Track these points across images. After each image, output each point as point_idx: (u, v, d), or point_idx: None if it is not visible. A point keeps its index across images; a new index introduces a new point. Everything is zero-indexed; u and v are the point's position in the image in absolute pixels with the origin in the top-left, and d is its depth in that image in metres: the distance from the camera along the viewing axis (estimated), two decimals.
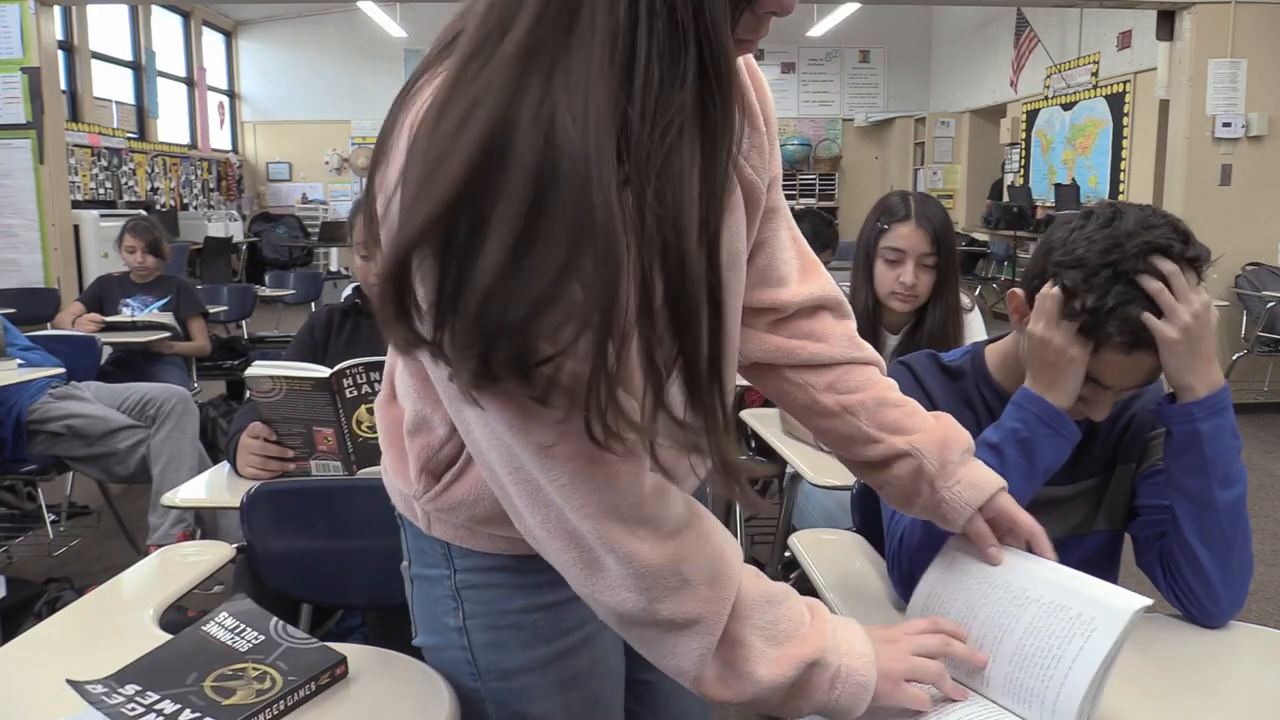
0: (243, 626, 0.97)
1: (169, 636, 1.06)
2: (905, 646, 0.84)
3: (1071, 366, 1.11)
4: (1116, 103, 7.31)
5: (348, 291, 2.25)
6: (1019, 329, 1.20)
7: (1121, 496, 1.27)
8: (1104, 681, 0.84)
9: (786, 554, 1.63)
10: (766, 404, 2.81)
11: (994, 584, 0.93)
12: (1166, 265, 1.05)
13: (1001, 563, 0.94)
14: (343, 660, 0.95)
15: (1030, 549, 0.95)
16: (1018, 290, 1.19)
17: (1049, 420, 1.13)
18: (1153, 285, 1.05)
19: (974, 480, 0.95)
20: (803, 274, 1.01)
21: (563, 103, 0.60)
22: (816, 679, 0.78)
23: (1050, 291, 1.11)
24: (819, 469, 1.84)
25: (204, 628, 0.97)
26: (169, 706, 0.86)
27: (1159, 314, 1.06)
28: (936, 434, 0.97)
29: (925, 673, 0.83)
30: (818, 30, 9.55)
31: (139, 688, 0.88)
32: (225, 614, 0.98)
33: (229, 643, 0.95)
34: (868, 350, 1.02)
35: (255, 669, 0.91)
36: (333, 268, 10.58)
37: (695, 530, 0.77)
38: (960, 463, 0.96)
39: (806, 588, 1.16)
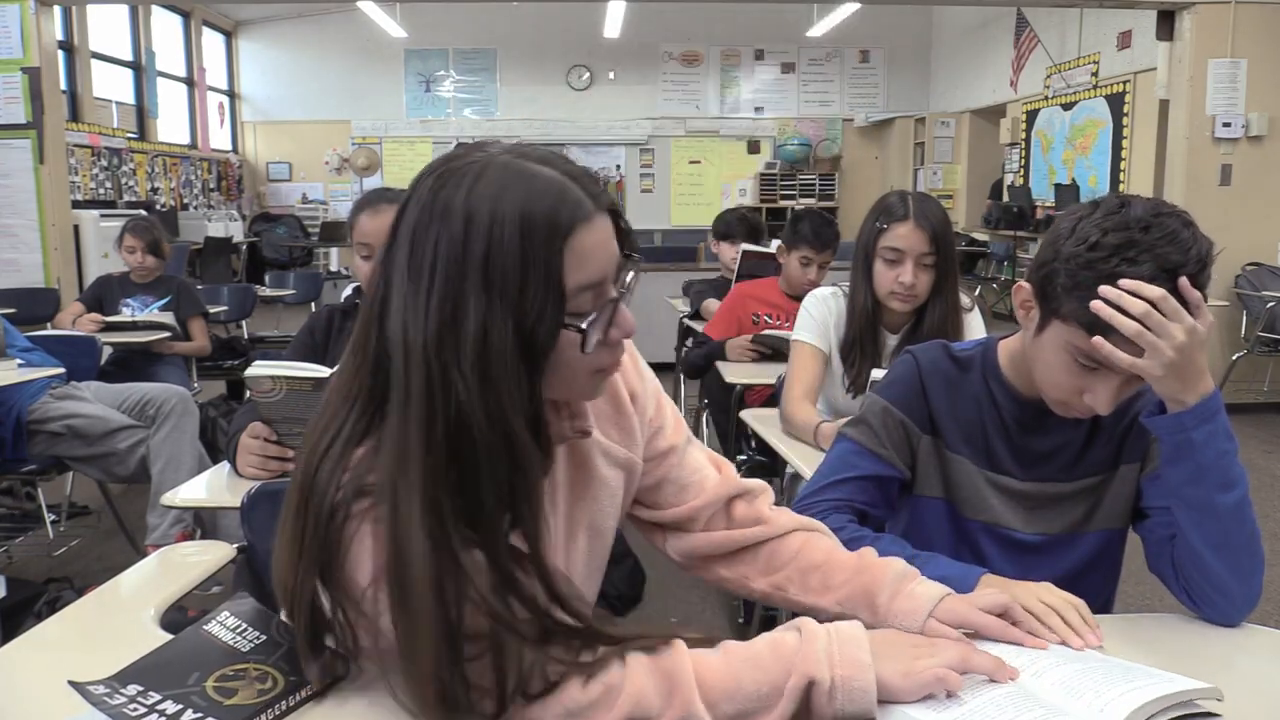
0: (244, 626, 0.96)
1: (170, 636, 1.06)
2: (927, 657, 0.88)
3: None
4: (1116, 103, 7.31)
5: (348, 291, 2.25)
6: (1024, 324, 1.20)
7: (1124, 496, 1.26)
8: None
9: None
10: (767, 404, 2.81)
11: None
12: (1151, 290, 1.04)
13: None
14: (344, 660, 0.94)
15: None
16: (1024, 284, 1.19)
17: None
18: (1130, 327, 1.04)
19: (910, 610, 0.98)
20: (720, 475, 1.12)
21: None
22: (815, 697, 0.84)
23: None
24: None
25: (205, 627, 0.96)
26: (171, 707, 0.85)
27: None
28: (858, 585, 1.02)
29: (943, 685, 0.86)
30: (818, 30, 9.55)
31: (141, 688, 0.88)
32: (227, 613, 0.98)
33: (231, 643, 0.94)
34: (786, 519, 1.11)
35: (257, 669, 0.91)
36: (333, 268, 10.58)
37: (624, 685, 0.83)
38: (891, 599, 1.00)
39: None
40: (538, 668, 0.82)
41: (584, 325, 0.83)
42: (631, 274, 0.90)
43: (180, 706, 0.86)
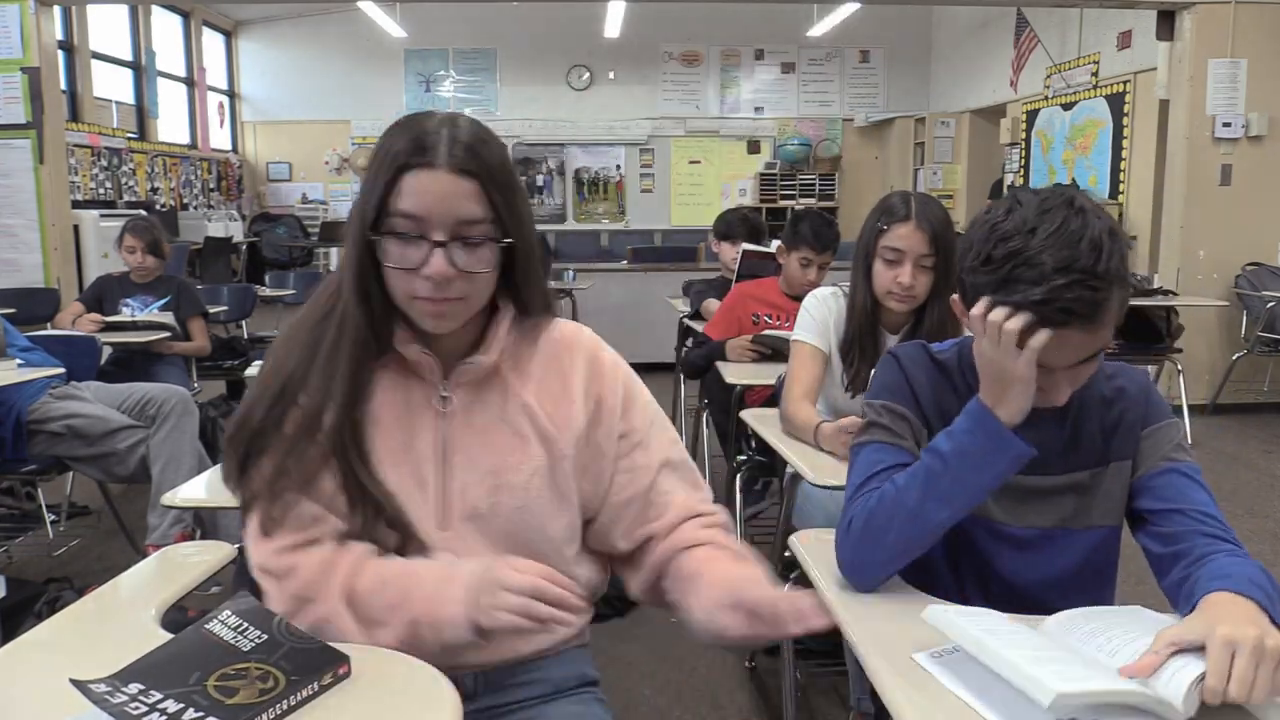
0: (245, 625, 0.96)
1: (170, 636, 1.06)
2: (502, 590, 1.01)
3: (1020, 385, 1.13)
4: (1116, 103, 7.31)
5: None
6: (965, 325, 1.23)
7: (1117, 494, 1.27)
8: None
9: (786, 554, 1.63)
10: (767, 404, 2.81)
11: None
12: None
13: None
14: (346, 660, 0.94)
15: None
16: (954, 297, 1.23)
17: (994, 436, 1.15)
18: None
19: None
20: (689, 493, 1.23)
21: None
22: (423, 635, 1.04)
23: (981, 313, 1.13)
24: (819, 469, 1.84)
25: (207, 626, 0.96)
26: (172, 706, 0.85)
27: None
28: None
29: (510, 606, 0.99)
30: (818, 30, 9.55)
31: (142, 687, 0.88)
32: (228, 612, 0.98)
33: (232, 642, 0.94)
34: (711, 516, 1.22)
35: (258, 668, 0.91)
36: (332, 268, 10.55)
37: (302, 568, 1.08)
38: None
39: (806, 587, 1.16)
40: (285, 501, 1.08)
41: (379, 235, 1.06)
42: (478, 248, 1.07)
43: (181, 705, 0.85)
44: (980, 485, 1.17)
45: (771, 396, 2.74)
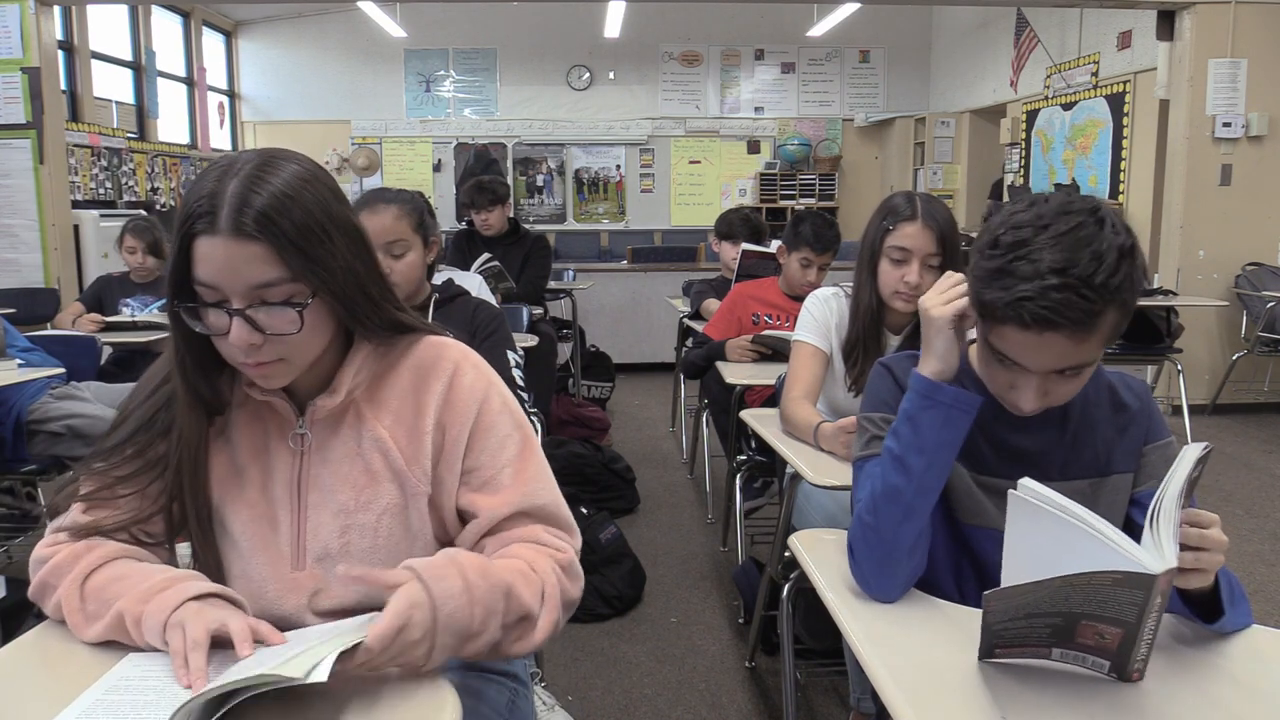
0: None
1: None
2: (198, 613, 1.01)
3: (934, 330, 1.20)
4: (1116, 103, 7.31)
5: None
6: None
7: (1118, 506, 1.27)
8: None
9: (786, 554, 1.63)
10: (767, 404, 2.81)
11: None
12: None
13: None
14: None
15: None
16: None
17: (926, 393, 1.19)
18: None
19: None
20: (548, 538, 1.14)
21: None
22: (127, 627, 1.03)
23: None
24: (819, 469, 1.84)
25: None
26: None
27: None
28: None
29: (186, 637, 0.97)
30: (818, 30, 9.54)
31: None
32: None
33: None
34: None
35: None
36: None
37: (58, 553, 1.17)
38: None
39: (807, 586, 1.16)
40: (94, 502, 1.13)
41: (179, 308, 1.03)
42: (282, 310, 1.01)
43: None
44: (935, 443, 1.18)
45: (771, 396, 2.74)
